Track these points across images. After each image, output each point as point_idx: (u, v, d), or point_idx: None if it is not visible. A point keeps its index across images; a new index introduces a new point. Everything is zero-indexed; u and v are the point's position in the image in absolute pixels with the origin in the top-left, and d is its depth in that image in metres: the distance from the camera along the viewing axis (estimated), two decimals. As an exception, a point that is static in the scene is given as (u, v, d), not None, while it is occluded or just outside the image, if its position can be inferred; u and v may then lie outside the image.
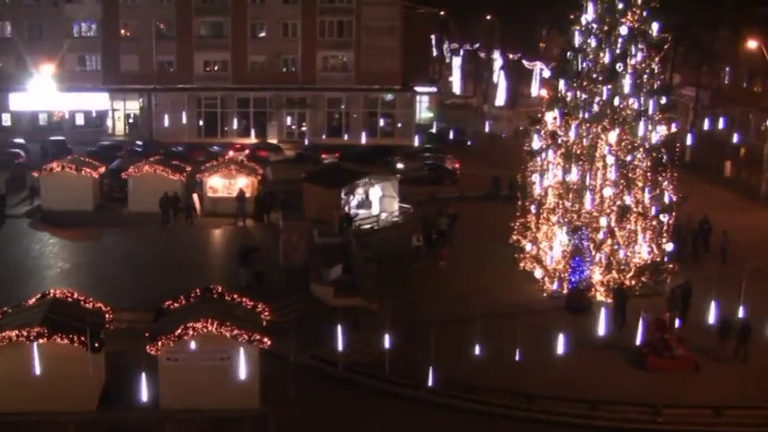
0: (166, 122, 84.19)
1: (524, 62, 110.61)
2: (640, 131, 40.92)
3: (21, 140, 74.34)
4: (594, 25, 41.16)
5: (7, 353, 27.97)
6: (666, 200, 41.83)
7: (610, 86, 40.75)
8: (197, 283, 32.84)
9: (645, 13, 40.94)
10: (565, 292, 40.52)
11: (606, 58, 40.82)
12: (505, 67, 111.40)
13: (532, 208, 43.68)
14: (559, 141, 41.85)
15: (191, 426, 28.29)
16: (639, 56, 40.96)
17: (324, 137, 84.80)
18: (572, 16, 42.43)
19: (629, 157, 40.82)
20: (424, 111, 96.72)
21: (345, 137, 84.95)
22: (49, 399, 27.92)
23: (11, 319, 29.31)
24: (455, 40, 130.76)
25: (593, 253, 40.83)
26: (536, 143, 43.40)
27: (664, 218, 41.85)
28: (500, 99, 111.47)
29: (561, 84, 42.44)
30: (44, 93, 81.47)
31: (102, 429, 28.18)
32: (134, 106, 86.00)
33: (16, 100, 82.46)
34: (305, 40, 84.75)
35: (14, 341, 27.78)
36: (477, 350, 32.92)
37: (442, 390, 31.46)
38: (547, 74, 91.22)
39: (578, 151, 41.15)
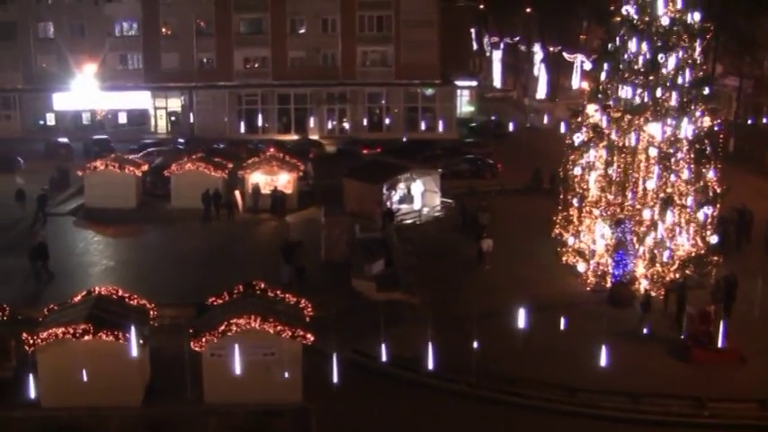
0: (207, 120, 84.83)
1: (565, 55, 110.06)
2: (683, 123, 40.49)
3: (65, 139, 75.30)
4: (635, 16, 40.76)
5: (53, 349, 28.32)
6: (710, 191, 41.37)
7: (651, 78, 40.39)
8: (239, 279, 32.91)
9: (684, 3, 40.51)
10: (608, 285, 40.26)
11: (647, 50, 40.44)
12: (546, 60, 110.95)
13: (574, 201, 43.41)
14: (601, 134, 41.54)
15: (233, 420, 28.47)
16: (681, 46, 40.50)
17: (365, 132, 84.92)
18: (612, 8, 42.05)
19: (671, 149, 40.42)
20: (464, 105, 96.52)
21: (386, 132, 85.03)
22: (95, 395, 28.23)
23: (57, 317, 29.69)
24: (495, 33, 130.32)
25: (637, 246, 40.50)
26: (577, 136, 43.14)
27: (708, 210, 41.38)
28: (541, 92, 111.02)
29: (602, 76, 42.15)
30: (86, 92, 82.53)
31: (146, 424, 28.43)
32: (175, 104, 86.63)
33: (60, 100, 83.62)
34: (344, 35, 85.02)
35: (60, 338, 28.13)
36: (518, 343, 32.87)
37: (483, 383, 31.34)
38: (587, 66, 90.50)
39: (620, 143, 40.84)
